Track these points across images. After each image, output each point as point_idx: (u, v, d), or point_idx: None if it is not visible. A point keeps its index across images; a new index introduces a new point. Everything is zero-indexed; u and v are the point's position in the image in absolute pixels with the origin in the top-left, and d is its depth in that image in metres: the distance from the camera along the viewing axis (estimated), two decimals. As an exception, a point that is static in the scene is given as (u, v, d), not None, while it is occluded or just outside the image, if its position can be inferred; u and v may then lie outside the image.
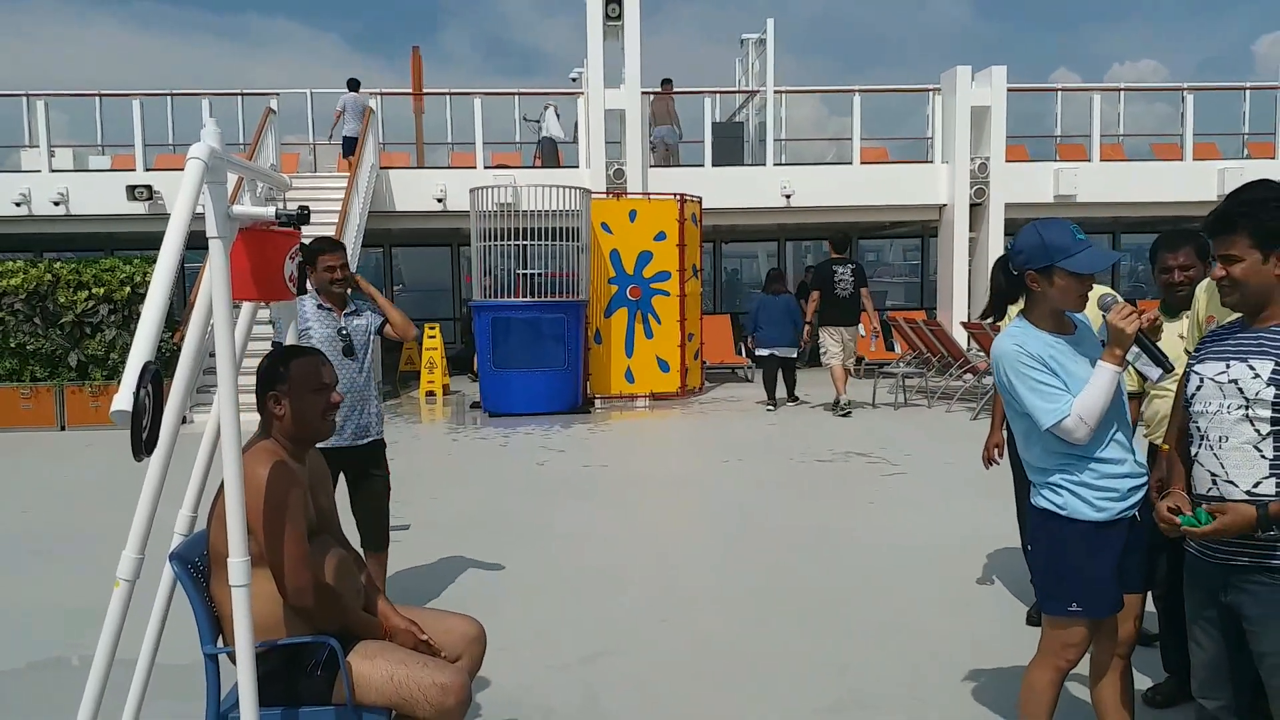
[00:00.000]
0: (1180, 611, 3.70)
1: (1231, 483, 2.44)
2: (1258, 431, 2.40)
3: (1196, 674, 2.64)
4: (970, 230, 16.36)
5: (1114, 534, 2.79)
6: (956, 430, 10.29)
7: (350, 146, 15.44)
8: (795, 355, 12.20)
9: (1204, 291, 3.30)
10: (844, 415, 11.29)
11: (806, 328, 11.79)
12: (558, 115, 16.98)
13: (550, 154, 16.85)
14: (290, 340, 3.22)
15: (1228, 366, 2.48)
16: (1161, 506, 2.54)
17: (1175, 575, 3.67)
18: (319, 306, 4.49)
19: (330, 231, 12.91)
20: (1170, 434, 3.12)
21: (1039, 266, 2.77)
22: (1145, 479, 2.87)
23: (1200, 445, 2.53)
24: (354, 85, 15.67)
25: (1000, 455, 4.61)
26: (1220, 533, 2.39)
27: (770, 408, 12.12)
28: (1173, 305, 3.71)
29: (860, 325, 11.71)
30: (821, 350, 11.65)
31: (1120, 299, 2.80)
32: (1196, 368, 2.58)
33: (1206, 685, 2.62)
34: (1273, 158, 16.83)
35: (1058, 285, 2.75)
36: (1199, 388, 2.54)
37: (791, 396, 12.41)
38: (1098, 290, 2.89)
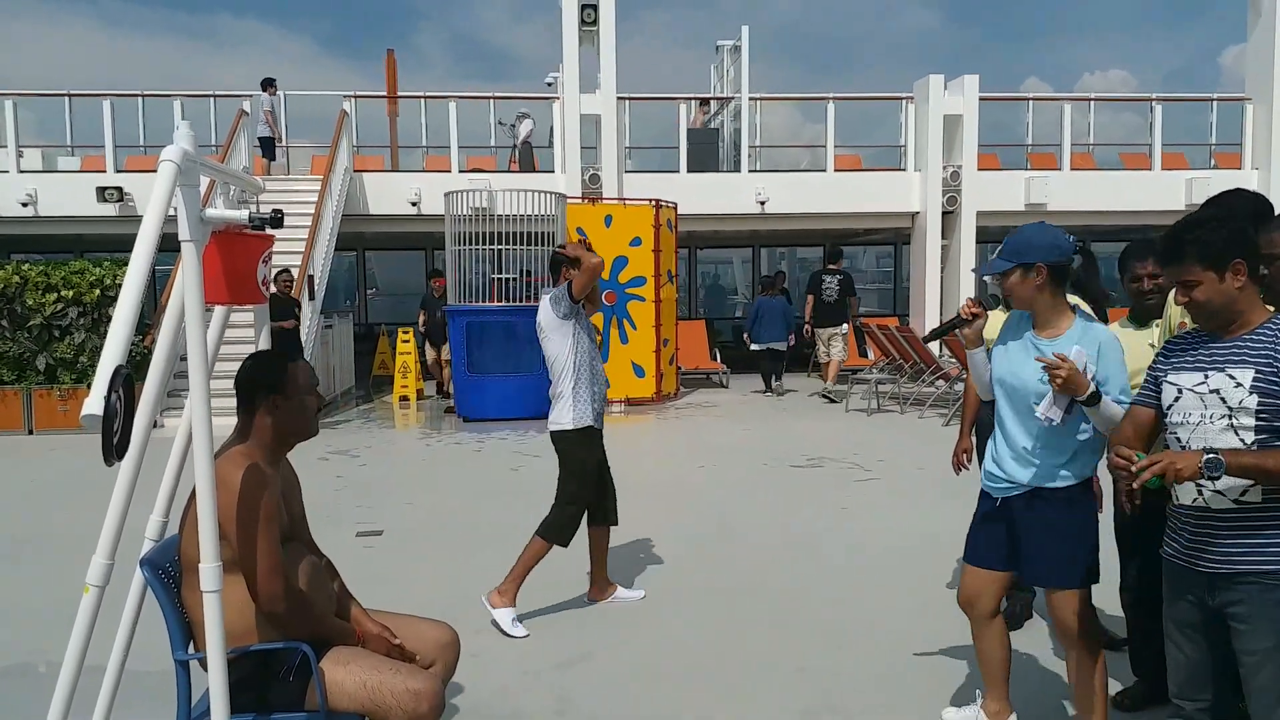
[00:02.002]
0: (1150, 616, 3.76)
1: (1219, 492, 2.45)
2: (1243, 440, 2.41)
3: (1175, 676, 2.66)
4: (943, 238, 16.50)
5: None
6: (929, 436, 10.37)
7: (269, 148, 15.44)
8: (785, 350, 14.21)
9: (1174, 297, 3.34)
10: (831, 400, 13.18)
11: (806, 325, 13.70)
12: (533, 124, 16.97)
13: (527, 159, 16.84)
14: (263, 343, 3.20)
15: (1206, 377, 2.48)
16: (1114, 456, 2.46)
17: (1144, 583, 3.73)
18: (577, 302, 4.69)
19: (303, 235, 12.85)
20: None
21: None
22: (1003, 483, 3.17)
23: None
24: (268, 85, 15.55)
25: (969, 460, 4.65)
26: (1171, 464, 2.31)
27: (769, 393, 14.11)
28: (1141, 314, 3.76)
29: (845, 325, 13.53)
30: (816, 350, 13.90)
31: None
32: (1171, 377, 2.57)
33: (1186, 686, 2.64)
34: (1239, 168, 17.08)
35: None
36: (1177, 398, 2.54)
37: (773, 385, 14.18)
38: None
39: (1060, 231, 3.10)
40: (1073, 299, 3.11)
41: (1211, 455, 2.32)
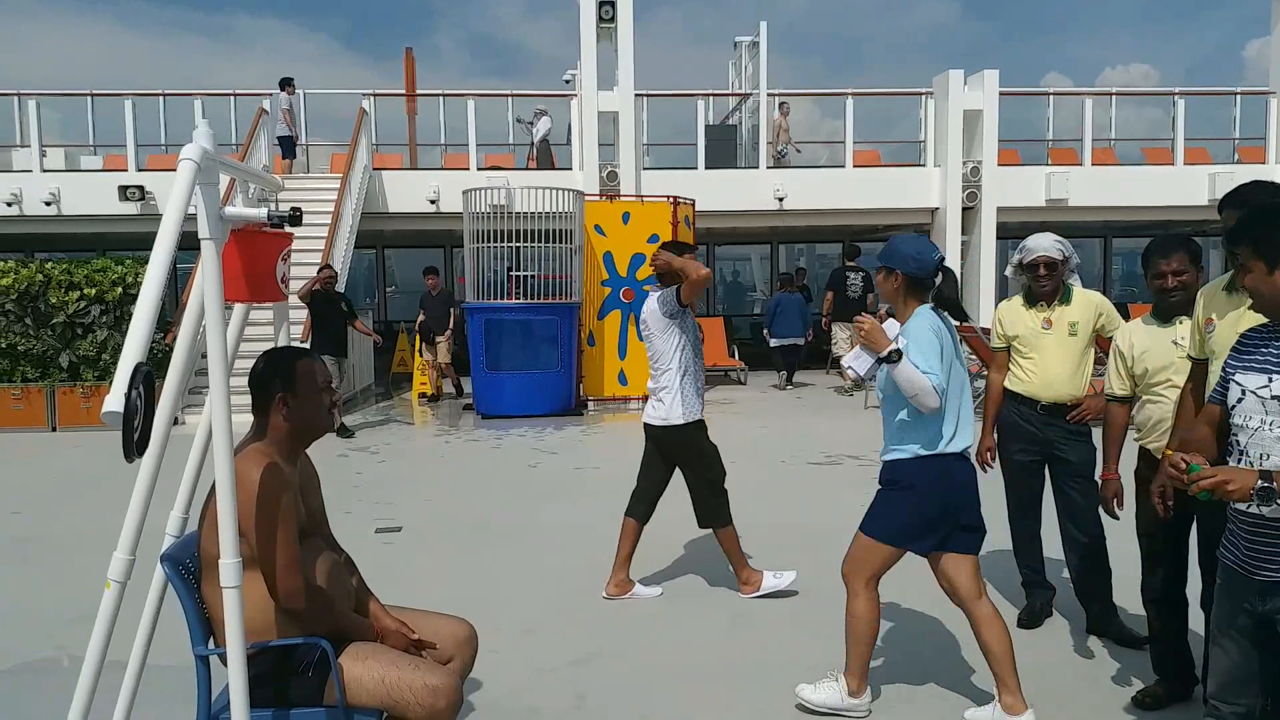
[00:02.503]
0: (1172, 616, 3.74)
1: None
2: None
3: (1216, 677, 2.62)
4: (963, 234, 16.41)
5: None
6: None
7: (289, 147, 15.48)
8: (802, 344, 14.60)
9: (1203, 295, 3.32)
10: (848, 395, 13.51)
11: (825, 320, 14.15)
12: (551, 122, 16.98)
13: (545, 157, 16.85)
14: (282, 340, 3.21)
15: (1270, 380, 2.41)
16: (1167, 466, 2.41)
17: (1166, 583, 3.71)
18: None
19: (323, 233, 12.91)
20: (1172, 441, 3.19)
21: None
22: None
23: (1239, 461, 2.47)
24: (286, 84, 15.58)
25: (993, 459, 4.62)
26: (1223, 484, 2.27)
27: (785, 386, 14.52)
28: (1165, 311, 3.71)
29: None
30: (833, 341, 14.16)
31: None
32: (1239, 377, 2.50)
33: (1227, 689, 2.59)
34: (1263, 162, 16.90)
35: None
36: (1240, 400, 2.47)
37: (790, 380, 14.58)
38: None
39: (932, 248, 3.55)
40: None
41: (1266, 485, 2.25)
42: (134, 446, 2.16)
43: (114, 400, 2.11)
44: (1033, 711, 3.45)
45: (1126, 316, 4.37)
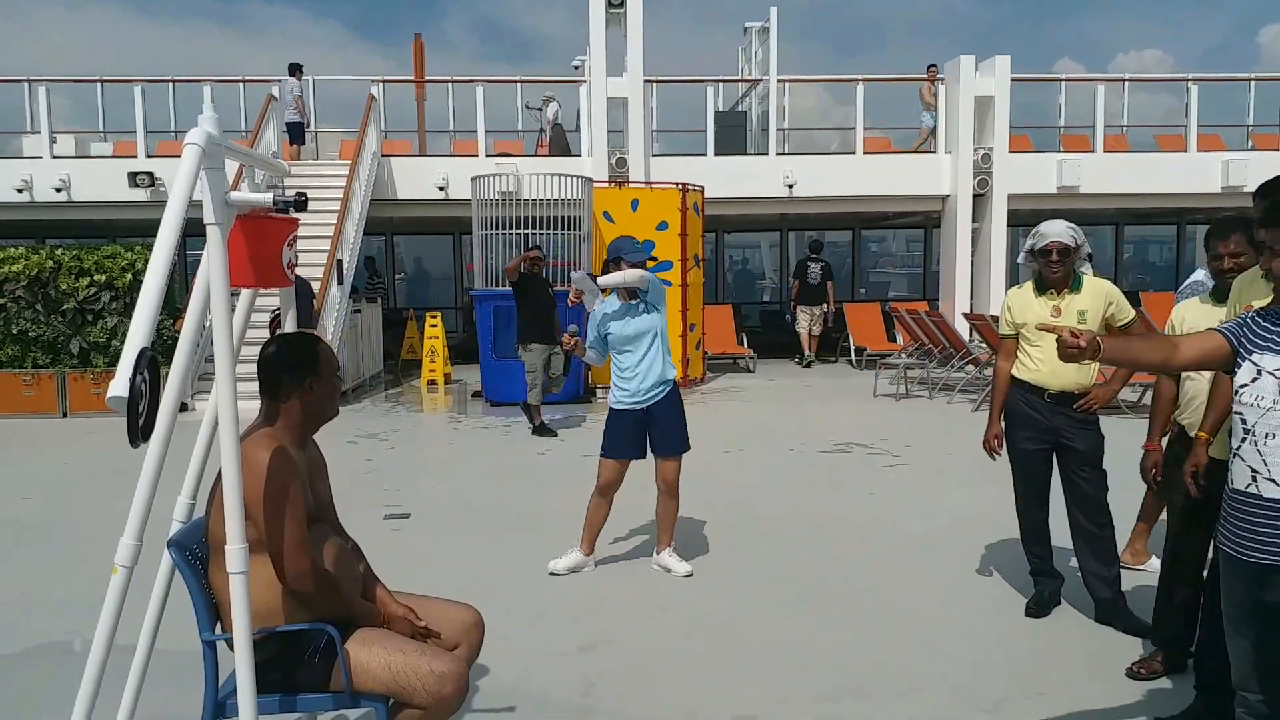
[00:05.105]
0: (1190, 596, 3.78)
1: (1272, 480, 2.38)
2: None
3: (1238, 667, 2.61)
4: (973, 221, 16.33)
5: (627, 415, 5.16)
6: (957, 421, 10.29)
7: (298, 133, 15.44)
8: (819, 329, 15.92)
9: (1239, 281, 3.31)
10: (805, 366, 15.47)
11: (792, 304, 16.11)
12: (559, 107, 16.94)
13: (559, 142, 16.79)
14: (290, 326, 3.21)
15: None
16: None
17: (1194, 568, 3.74)
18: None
19: (332, 219, 12.91)
20: (1205, 423, 3.21)
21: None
22: (654, 390, 5.16)
23: (1245, 440, 2.44)
24: (295, 70, 15.52)
25: (1000, 446, 4.60)
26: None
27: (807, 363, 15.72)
28: (1221, 291, 3.70)
29: (825, 305, 15.81)
30: (797, 323, 16.08)
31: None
32: (1255, 358, 2.46)
33: (1249, 679, 2.58)
34: (1277, 149, 16.77)
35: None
36: (1255, 378, 2.44)
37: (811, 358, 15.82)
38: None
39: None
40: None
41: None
42: (139, 431, 2.16)
43: (119, 385, 2.11)
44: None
45: (1138, 305, 4.36)
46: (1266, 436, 2.38)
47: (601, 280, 5.18)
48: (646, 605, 4.83)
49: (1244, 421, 2.45)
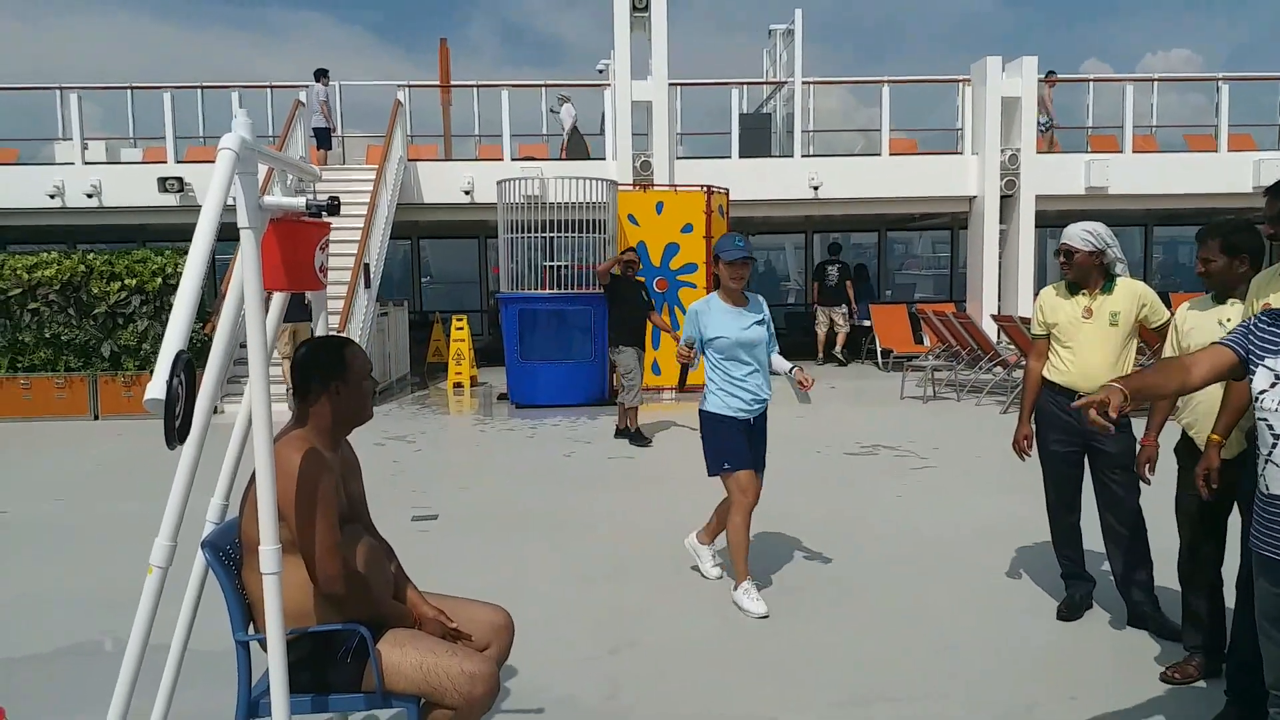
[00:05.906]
0: (1212, 600, 3.75)
1: None
2: None
3: (1271, 669, 2.58)
4: (1000, 222, 16.23)
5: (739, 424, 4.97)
6: (985, 424, 10.22)
7: (325, 138, 15.52)
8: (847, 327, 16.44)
9: (1256, 282, 3.29)
10: (842, 364, 15.98)
11: (814, 305, 16.54)
12: (574, 108, 16.97)
13: (578, 146, 16.83)
14: (320, 330, 3.23)
15: None
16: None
17: (1211, 568, 3.72)
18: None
19: (359, 223, 13.00)
20: (1218, 425, 3.20)
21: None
22: (762, 400, 5.07)
23: (1276, 445, 2.41)
24: (321, 75, 15.58)
25: (1030, 447, 4.57)
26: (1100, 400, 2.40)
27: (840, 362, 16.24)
28: (1220, 293, 3.75)
29: (844, 306, 16.29)
30: (817, 322, 16.55)
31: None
32: (1269, 363, 2.44)
33: None
34: (1310, 148, 16.55)
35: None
36: (1273, 384, 2.41)
37: (836, 357, 16.26)
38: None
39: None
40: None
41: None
42: (175, 433, 2.18)
43: (156, 388, 2.13)
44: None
45: (1169, 306, 4.33)
46: None
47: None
48: (673, 609, 4.82)
49: (1270, 427, 2.42)
